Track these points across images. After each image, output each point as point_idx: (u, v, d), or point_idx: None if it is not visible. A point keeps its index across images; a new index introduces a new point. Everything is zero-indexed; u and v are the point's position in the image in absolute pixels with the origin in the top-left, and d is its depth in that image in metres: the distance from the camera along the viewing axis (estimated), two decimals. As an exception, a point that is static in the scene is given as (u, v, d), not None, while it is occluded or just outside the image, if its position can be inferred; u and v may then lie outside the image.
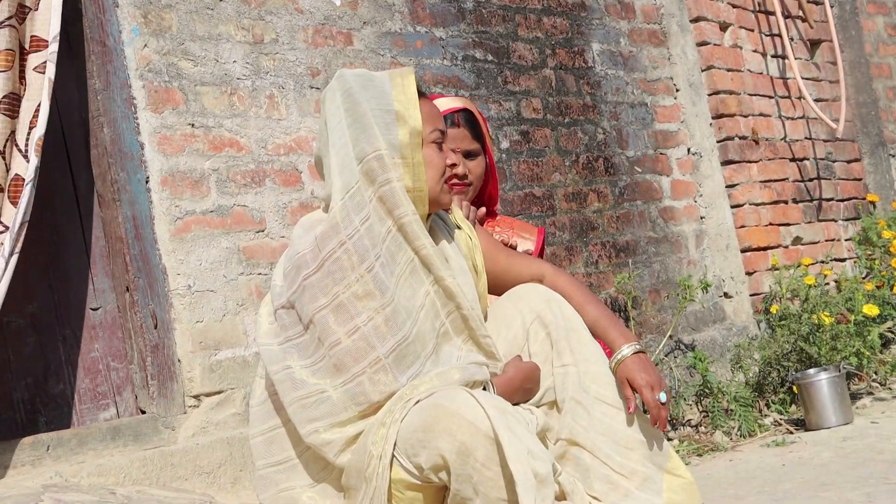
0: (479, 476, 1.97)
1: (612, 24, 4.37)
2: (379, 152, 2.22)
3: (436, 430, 2.00)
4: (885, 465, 2.87)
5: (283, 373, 2.23)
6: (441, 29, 3.73)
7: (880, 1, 5.78)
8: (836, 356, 3.81)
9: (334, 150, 2.27)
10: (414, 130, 2.25)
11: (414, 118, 2.26)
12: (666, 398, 2.25)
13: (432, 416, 2.02)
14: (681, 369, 4.02)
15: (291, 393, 2.21)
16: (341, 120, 2.26)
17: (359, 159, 2.23)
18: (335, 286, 2.19)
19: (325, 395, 2.17)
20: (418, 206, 2.26)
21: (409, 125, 2.25)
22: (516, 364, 2.29)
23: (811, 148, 5.13)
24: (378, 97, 2.26)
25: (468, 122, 2.82)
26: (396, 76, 2.31)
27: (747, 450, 3.43)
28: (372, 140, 2.23)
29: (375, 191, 2.23)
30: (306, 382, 2.20)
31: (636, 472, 2.25)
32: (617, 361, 2.29)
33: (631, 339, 2.31)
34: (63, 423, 2.83)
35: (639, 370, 2.26)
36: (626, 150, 4.28)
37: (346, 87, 2.28)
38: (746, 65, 4.87)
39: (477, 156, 2.84)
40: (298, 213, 3.16)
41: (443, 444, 1.98)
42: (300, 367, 2.22)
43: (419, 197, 2.27)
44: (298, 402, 2.19)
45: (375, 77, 2.31)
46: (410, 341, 2.18)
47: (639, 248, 4.21)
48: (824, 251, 4.98)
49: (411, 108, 2.27)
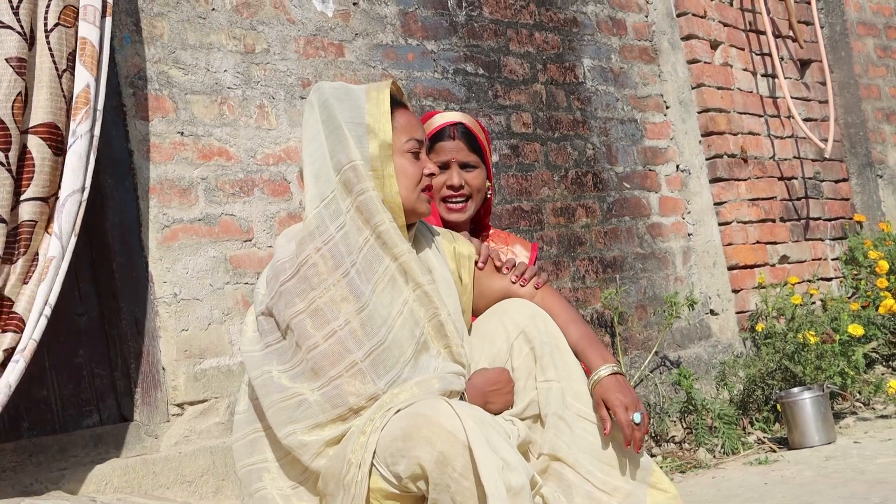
0: (456, 486, 1.98)
1: (603, 40, 4.39)
2: (353, 163, 2.28)
3: (415, 439, 2.01)
4: (866, 485, 2.87)
5: (263, 377, 2.27)
6: (433, 42, 3.74)
7: (870, 22, 5.82)
8: (820, 375, 3.82)
9: (311, 159, 2.33)
10: (384, 143, 2.31)
11: (384, 131, 2.31)
12: (641, 419, 2.27)
13: (412, 425, 2.03)
14: (666, 386, 4.03)
15: (270, 396, 2.24)
16: (319, 131, 2.32)
17: (336, 170, 2.29)
18: (312, 291, 2.23)
19: (303, 399, 2.20)
20: (395, 215, 2.30)
21: (379, 138, 2.31)
22: (481, 371, 2.32)
23: (799, 167, 5.16)
24: (352, 110, 2.33)
25: (464, 134, 2.84)
26: (372, 90, 2.37)
27: (730, 467, 3.44)
28: (347, 151, 2.29)
29: (353, 200, 2.27)
30: (285, 386, 2.23)
31: (618, 489, 2.26)
32: (594, 382, 2.31)
33: (609, 360, 2.34)
34: (46, 428, 2.82)
35: (614, 391, 2.28)
36: (615, 165, 4.29)
37: (323, 99, 2.34)
38: (736, 83, 4.90)
39: (474, 168, 2.85)
40: (286, 223, 3.16)
41: (422, 454, 1.99)
42: (279, 372, 2.25)
43: (394, 206, 2.31)
44: (277, 405, 2.23)
45: (352, 90, 2.37)
46: (386, 346, 2.20)
47: (626, 264, 4.22)
48: (811, 270, 5.00)
49: (382, 122, 2.32)
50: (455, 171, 2.82)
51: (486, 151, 2.89)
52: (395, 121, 2.34)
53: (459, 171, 2.83)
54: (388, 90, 2.35)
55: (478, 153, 2.86)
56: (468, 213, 2.85)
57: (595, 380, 2.31)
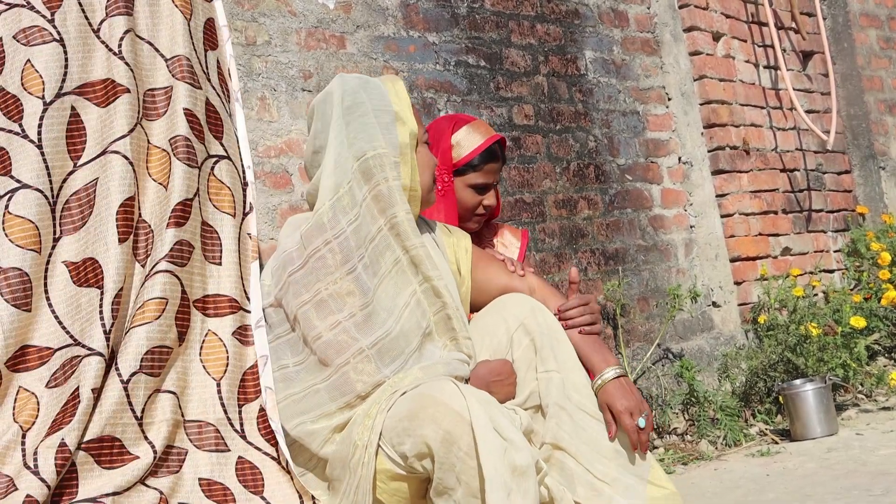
0: (461, 465, 1.98)
1: (605, 32, 4.38)
2: (377, 151, 2.29)
3: (421, 418, 2.01)
4: (868, 476, 2.88)
5: (278, 372, 2.30)
6: (434, 34, 3.73)
7: (873, 14, 5.81)
8: (822, 367, 3.82)
9: (331, 147, 2.33)
10: (412, 132, 2.35)
11: (410, 120, 2.37)
12: (645, 423, 2.28)
13: (418, 405, 2.03)
14: (668, 378, 4.03)
15: (284, 391, 2.28)
16: (339, 119, 2.33)
17: (356, 157, 2.30)
18: (318, 283, 2.24)
19: (315, 389, 2.23)
20: (412, 206, 2.32)
21: (407, 126, 2.35)
22: (484, 362, 2.33)
23: (802, 159, 5.15)
24: (378, 98, 2.35)
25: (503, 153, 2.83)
26: (388, 81, 2.42)
27: (732, 459, 3.44)
28: (371, 139, 2.30)
29: (371, 189, 2.28)
30: (297, 380, 2.26)
31: (618, 480, 2.27)
32: (598, 385, 2.32)
33: (612, 362, 2.34)
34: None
35: (619, 396, 2.29)
36: (617, 157, 4.29)
37: (348, 87, 2.37)
38: (739, 75, 4.89)
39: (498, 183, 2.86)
40: (288, 215, 3.16)
41: (428, 432, 1.99)
42: (293, 365, 2.27)
43: (413, 196, 2.34)
44: (289, 399, 2.26)
45: (372, 81, 2.42)
46: (393, 337, 2.22)
47: (628, 256, 4.22)
48: (813, 262, 5.00)
49: (407, 111, 2.37)
50: (494, 191, 2.81)
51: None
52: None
53: (494, 190, 2.81)
54: (402, 83, 2.41)
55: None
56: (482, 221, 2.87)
57: (599, 384, 2.32)
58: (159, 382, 2.23)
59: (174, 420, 2.22)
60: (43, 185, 2.22)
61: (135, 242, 2.30)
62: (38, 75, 2.25)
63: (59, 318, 2.19)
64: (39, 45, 2.27)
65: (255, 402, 2.31)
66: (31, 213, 2.20)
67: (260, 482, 2.23)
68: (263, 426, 2.30)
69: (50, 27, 2.28)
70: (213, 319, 2.35)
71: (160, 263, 2.27)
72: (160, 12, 2.45)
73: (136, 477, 2.12)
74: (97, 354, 2.17)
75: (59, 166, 2.26)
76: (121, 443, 2.15)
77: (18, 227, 2.18)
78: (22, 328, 2.15)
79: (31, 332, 2.18)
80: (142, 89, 2.40)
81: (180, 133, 2.38)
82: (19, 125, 2.23)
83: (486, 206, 2.79)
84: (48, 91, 2.26)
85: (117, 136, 2.31)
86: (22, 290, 2.16)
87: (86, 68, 2.32)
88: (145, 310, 2.23)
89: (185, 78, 2.42)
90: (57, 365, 2.17)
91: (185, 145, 2.37)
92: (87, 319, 2.20)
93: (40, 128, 2.24)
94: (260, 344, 2.32)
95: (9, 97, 2.24)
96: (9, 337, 2.13)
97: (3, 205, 2.19)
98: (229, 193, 2.46)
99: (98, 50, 2.34)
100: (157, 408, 2.22)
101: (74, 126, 2.29)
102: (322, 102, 2.40)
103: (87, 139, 2.30)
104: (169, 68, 2.43)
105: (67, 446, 2.07)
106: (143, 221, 2.32)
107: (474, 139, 2.78)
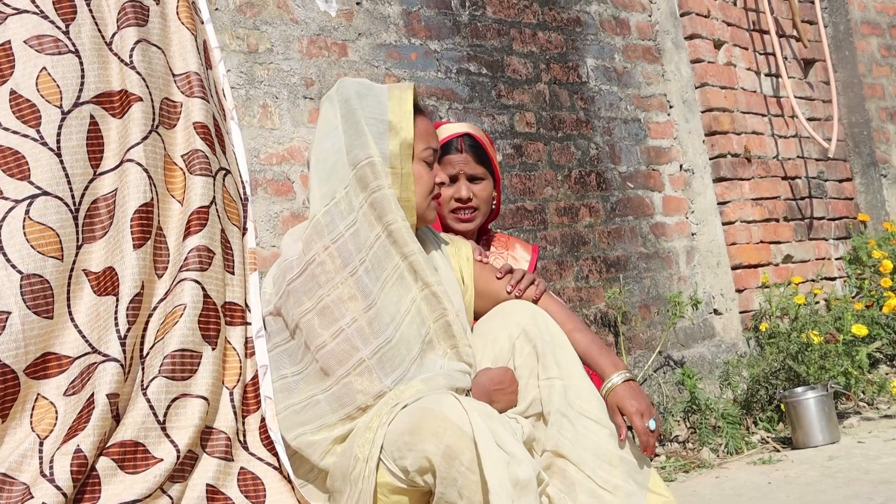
0: (463, 479, 1.98)
1: (606, 39, 4.39)
2: (371, 159, 2.28)
3: (422, 433, 2.01)
4: (870, 485, 2.87)
5: (278, 382, 2.30)
6: (436, 42, 3.74)
7: (874, 22, 5.81)
8: (824, 375, 3.81)
9: (324, 154, 2.32)
10: (405, 142, 2.31)
11: (406, 130, 2.32)
12: (655, 426, 2.28)
13: (419, 419, 2.03)
14: (669, 385, 4.02)
15: (283, 401, 2.28)
16: (338, 126, 2.32)
17: (352, 165, 2.29)
18: (319, 289, 2.24)
19: (315, 400, 2.22)
20: (407, 215, 2.31)
21: (400, 136, 2.31)
22: (485, 370, 2.32)
23: (803, 167, 5.15)
24: (373, 106, 2.33)
25: (471, 146, 2.83)
26: (395, 89, 2.38)
27: (734, 467, 3.44)
28: (365, 147, 2.28)
29: (367, 196, 2.28)
30: (297, 391, 2.26)
31: (619, 488, 2.26)
32: (608, 389, 2.32)
33: (621, 367, 2.34)
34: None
35: (629, 398, 2.29)
36: (618, 165, 4.29)
37: (346, 94, 2.35)
38: (740, 83, 4.89)
39: (482, 180, 2.85)
40: (290, 222, 3.16)
41: (429, 447, 1.99)
42: (292, 375, 2.26)
43: (408, 206, 2.32)
44: (289, 410, 2.25)
45: (374, 87, 2.38)
46: (394, 344, 2.21)
47: (629, 264, 4.22)
48: (814, 270, 5.00)
49: (405, 121, 2.33)
50: (463, 183, 2.82)
51: (494, 162, 2.89)
52: (415, 126, 2.35)
53: (468, 183, 2.82)
54: (412, 91, 2.36)
55: (485, 165, 2.85)
56: (476, 223, 2.85)
57: (609, 387, 2.32)
58: (186, 387, 2.23)
59: (198, 426, 2.22)
60: (63, 192, 2.22)
61: (156, 253, 2.31)
62: (55, 84, 2.26)
63: (79, 328, 2.19)
64: (55, 54, 2.28)
65: (256, 413, 2.31)
66: (51, 221, 2.20)
67: (262, 493, 2.23)
68: (264, 437, 2.30)
69: (65, 38, 2.29)
70: (229, 328, 2.36)
71: (183, 272, 2.28)
72: (169, 26, 2.47)
73: (156, 484, 2.11)
74: (113, 360, 2.17)
75: (79, 174, 2.26)
76: (144, 447, 2.15)
77: (39, 234, 2.18)
78: (43, 335, 2.15)
79: (53, 340, 2.17)
80: (157, 97, 2.41)
81: (195, 147, 2.40)
82: (36, 131, 2.23)
83: (457, 199, 2.80)
84: (66, 100, 2.27)
85: (132, 144, 2.32)
86: (43, 297, 2.15)
87: (102, 79, 2.33)
88: (175, 315, 2.24)
89: (195, 93, 2.43)
90: (76, 373, 2.17)
91: (200, 157, 2.38)
92: (104, 327, 2.21)
93: (59, 136, 2.24)
94: (260, 354, 2.32)
95: (22, 101, 2.24)
96: (29, 344, 2.13)
97: (23, 210, 2.19)
98: (235, 207, 2.48)
99: (112, 62, 2.35)
100: (183, 413, 2.21)
101: (94, 135, 2.30)
102: (322, 108, 2.41)
103: (105, 149, 2.31)
104: (178, 84, 2.45)
105: (83, 452, 2.07)
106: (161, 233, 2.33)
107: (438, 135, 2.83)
